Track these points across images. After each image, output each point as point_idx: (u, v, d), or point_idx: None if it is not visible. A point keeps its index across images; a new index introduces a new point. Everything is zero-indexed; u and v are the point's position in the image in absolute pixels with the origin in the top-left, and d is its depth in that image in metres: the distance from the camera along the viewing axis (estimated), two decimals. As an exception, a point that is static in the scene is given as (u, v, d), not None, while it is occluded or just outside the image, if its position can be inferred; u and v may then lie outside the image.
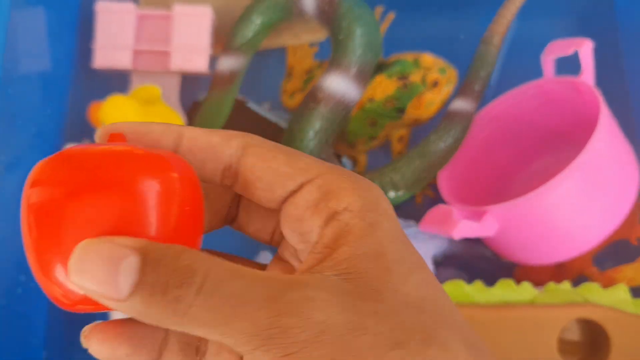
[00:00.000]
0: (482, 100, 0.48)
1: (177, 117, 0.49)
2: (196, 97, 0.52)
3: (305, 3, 0.49)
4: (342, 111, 0.46)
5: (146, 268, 0.16)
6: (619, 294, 0.41)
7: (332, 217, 0.19)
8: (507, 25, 0.47)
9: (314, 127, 0.46)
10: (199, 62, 0.51)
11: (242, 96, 0.51)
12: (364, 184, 0.20)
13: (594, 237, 0.41)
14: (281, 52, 0.54)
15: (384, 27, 0.53)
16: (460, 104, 0.46)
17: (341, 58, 0.46)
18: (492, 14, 0.47)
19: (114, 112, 0.45)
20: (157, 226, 0.18)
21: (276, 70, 0.53)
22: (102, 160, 0.18)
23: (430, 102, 0.47)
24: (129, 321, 0.20)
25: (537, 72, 0.47)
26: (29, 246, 0.18)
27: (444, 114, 0.47)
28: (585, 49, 0.42)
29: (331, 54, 0.47)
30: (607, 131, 0.40)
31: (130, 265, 0.16)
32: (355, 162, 0.51)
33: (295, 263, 0.22)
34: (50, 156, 0.18)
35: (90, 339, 0.20)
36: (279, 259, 0.23)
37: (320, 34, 0.53)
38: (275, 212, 0.22)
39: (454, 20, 0.53)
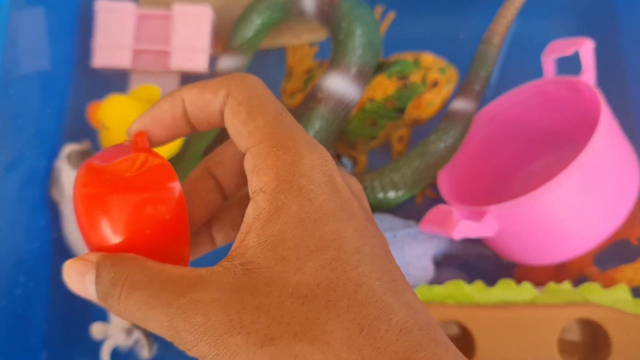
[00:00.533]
0: (482, 100, 0.48)
1: (177, 117, 0.49)
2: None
3: (305, 3, 0.49)
4: (342, 111, 0.46)
5: (98, 278, 0.20)
6: (619, 294, 0.40)
7: (253, 196, 0.20)
8: (507, 25, 0.47)
9: (314, 127, 0.46)
10: (198, 62, 0.51)
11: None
12: (288, 158, 0.20)
13: (594, 237, 0.41)
14: (281, 52, 0.54)
15: (384, 27, 0.53)
16: (460, 104, 0.46)
17: (341, 58, 0.46)
18: (492, 13, 0.47)
19: (113, 112, 0.45)
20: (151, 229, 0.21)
21: (276, 70, 0.53)
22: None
23: (430, 102, 0.47)
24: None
25: (537, 72, 0.47)
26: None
27: (444, 114, 0.47)
28: (586, 49, 0.42)
29: (331, 54, 0.47)
30: (607, 131, 0.40)
31: (90, 278, 0.20)
32: (355, 162, 0.51)
33: None
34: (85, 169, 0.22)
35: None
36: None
37: (320, 34, 0.53)
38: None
39: (454, 20, 0.53)
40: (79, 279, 0.21)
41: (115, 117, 0.45)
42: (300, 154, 0.20)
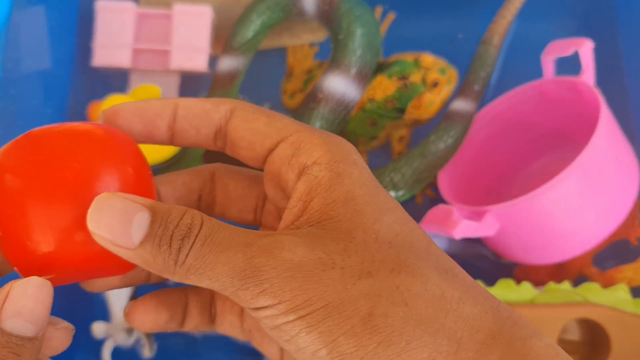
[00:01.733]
0: (482, 100, 0.48)
1: (178, 117, 0.49)
2: (196, 97, 0.52)
3: (305, 3, 0.49)
4: (342, 111, 0.47)
5: (155, 223, 0.19)
6: (619, 294, 0.41)
7: (303, 171, 0.21)
8: (507, 26, 0.47)
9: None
10: (198, 62, 0.51)
11: (243, 96, 0.51)
12: (335, 139, 0.22)
13: (594, 237, 0.42)
14: (281, 52, 0.54)
15: (384, 27, 0.53)
16: (460, 104, 0.46)
17: (341, 58, 0.46)
18: (492, 14, 0.48)
19: (114, 112, 0.45)
20: (114, 188, 0.20)
21: (276, 71, 0.53)
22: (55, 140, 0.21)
23: (430, 103, 0.47)
24: (162, 292, 0.23)
25: (537, 73, 0.47)
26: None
27: (444, 114, 0.47)
28: (585, 49, 0.42)
29: (331, 54, 0.47)
30: (607, 131, 0.40)
31: (141, 219, 0.19)
32: (355, 162, 0.51)
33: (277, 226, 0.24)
34: (14, 141, 0.21)
35: (135, 312, 0.23)
36: (263, 227, 0.25)
37: (320, 34, 0.53)
38: (254, 187, 0.24)
39: (454, 21, 0.53)
40: (121, 218, 0.19)
41: (116, 117, 0.45)
42: (339, 138, 0.22)
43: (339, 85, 0.46)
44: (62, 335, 0.21)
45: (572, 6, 0.54)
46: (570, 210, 0.41)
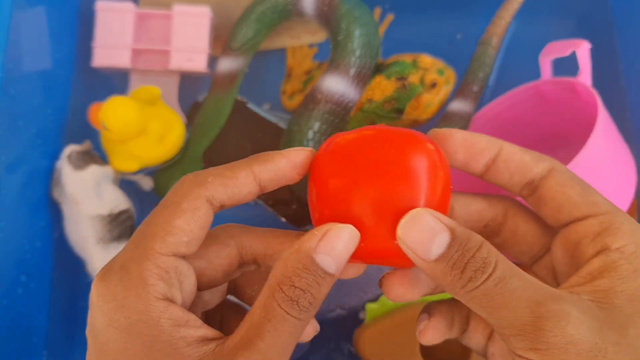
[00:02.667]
0: (480, 100, 0.48)
1: (177, 118, 0.49)
2: (195, 97, 0.52)
3: (304, 4, 0.49)
4: (341, 112, 0.47)
5: (453, 246, 0.21)
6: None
7: (603, 251, 0.22)
8: (505, 27, 0.47)
9: (313, 128, 0.46)
10: (198, 62, 0.51)
11: (242, 97, 0.51)
12: None
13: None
14: (281, 53, 0.54)
15: (383, 28, 0.53)
16: (459, 105, 0.46)
17: (340, 59, 0.46)
18: (490, 15, 0.48)
19: (114, 113, 0.45)
20: (425, 199, 0.22)
21: (276, 71, 0.53)
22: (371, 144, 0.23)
23: (428, 103, 0.47)
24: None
25: (534, 73, 0.47)
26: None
27: (442, 115, 0.47)
28: (583, 50, 0.43)
29: (330, 55, 0.48)
30: (605, 131, 0.40)
31: (443, 239, 0.21)
32: (354, 162, 0.51)
33: (547, 278, 0.26)
34: (325, 150, 0.24)
35: (392, 282, 0.24)
36: (530, 271, 0.27)
37: (319, 35, 0.54)
38: (541, 238, 0.26)
39: (452, 22, 0.54)
40: (427, 235, 0.21)
41: (117, 118, 0.45)
42: None
43: (338, 85, 0.46)
44: (311, 327, 0.25)
45: (569, 8, 0.54)
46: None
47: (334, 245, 0.22)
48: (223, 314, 0.29)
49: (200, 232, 0.23)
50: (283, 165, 0.24)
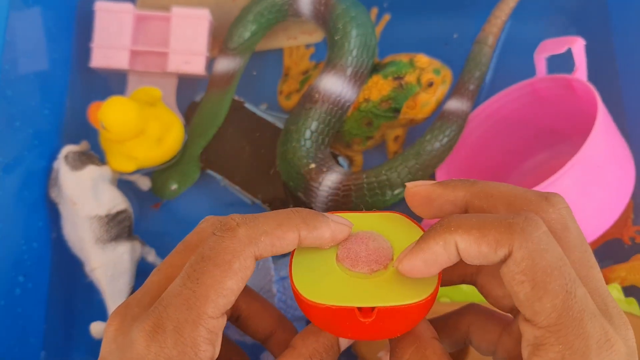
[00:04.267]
0: (477, 99, 0.48)
1: (177, 119, 0.49)
2: (193, 98, 0.52)
3: (301, 4, 0.49)
4: (338, 111, 0.47)
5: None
6: (612, 293, 0.41)
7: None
8: (501, 26, 0.48)
9: (310, 128, 0.46)
10: (196, 65, 0.51)
11: (240, 97, 0.51)
12: None
13: (591, 234, 0.42)
14: (278, 53, 0.54)
15: (380, 28, 0.54)
16: (455, 104, 0.46)
17: (337, 59, 0.47)
18: (486, 14, 0.48)
19: (113, 113, 0.45)
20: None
21: (273, 72, 0.54)
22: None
23: (425, 102, 0.47)
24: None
25: (530, 72, 0.47)
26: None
27: (439, 114, 0.47)
28: (578, 47, 0.43)
29: (327, 55, 0.48)
30: (604, 127, 0.40)
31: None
32: (351, 161, 0.51)
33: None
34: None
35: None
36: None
37: (316, 35, 0.54)
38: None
39: (449, 22, 0.54)
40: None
41: (116, 118, 0.45)
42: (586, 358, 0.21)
43: (335, 85, 0.46)
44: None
45: (565, 6, 0.54)
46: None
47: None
48: None
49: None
50: (326, 238, 0.25)
